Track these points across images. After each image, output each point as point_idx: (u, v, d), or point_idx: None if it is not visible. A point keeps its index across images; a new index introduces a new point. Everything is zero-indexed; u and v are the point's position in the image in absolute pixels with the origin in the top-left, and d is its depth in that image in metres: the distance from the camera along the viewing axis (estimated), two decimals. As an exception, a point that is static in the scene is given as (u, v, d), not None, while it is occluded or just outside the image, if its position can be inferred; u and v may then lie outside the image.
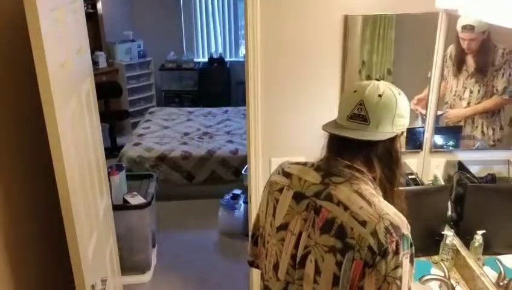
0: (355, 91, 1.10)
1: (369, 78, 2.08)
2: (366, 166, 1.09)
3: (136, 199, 3.08)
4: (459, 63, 1.89)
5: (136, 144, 4.43)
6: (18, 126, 1.78)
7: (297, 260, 1.11)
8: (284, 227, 1.15)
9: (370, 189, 1.07)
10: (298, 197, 1.13)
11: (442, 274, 1.62)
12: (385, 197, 1.10)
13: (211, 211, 3.88)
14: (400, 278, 0.98)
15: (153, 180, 3.41)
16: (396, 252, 0.98)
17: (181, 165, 4.21)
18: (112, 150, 5.04)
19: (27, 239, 1.80)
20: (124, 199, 3.06)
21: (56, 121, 1.36)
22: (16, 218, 1.69)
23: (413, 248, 1.02)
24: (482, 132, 1.85)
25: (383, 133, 1.07)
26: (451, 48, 1.92)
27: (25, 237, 1.77)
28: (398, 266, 0.98)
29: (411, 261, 1.02)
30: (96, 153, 2.05)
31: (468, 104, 1.87)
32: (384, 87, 1.09)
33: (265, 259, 1.22)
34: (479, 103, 1.84)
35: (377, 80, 1.13)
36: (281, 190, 1.17)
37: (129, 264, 2.97)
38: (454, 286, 1.62)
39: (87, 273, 1.60)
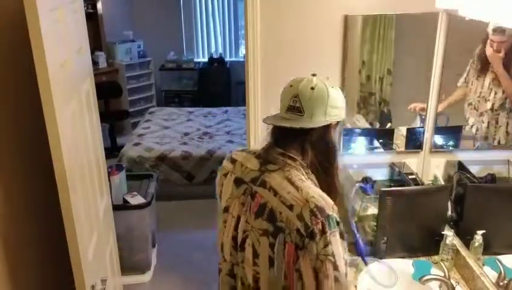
0: (291, 86, 1.19)
1: (369, 78, 2.09)
2: (300, 153, 1.17)
3: (136, 199, 3.08)
4: (486, 65, 1.84)
5: (136, 144, 4.43)
6: (18, 126, 1.78)
7: (238, 243, 1.19)
8: (226, 210, 1.24)
9: (300, 175, 1.14)
10: (238, 182, 1.22)
11: (442, 274, 1.62)
12: (319, 182, 1.18)
13: (210, 211, 3.87)
14: (333, 254, 1.05)
15: (153, 180, 3.41)
16: (323, 232, 1.04)
17: (181, 165, 4.21)
18: (112, 150, 5.04)
19: (27, 239, 1.79)
20: (124, 199, 3.06)
21: (56, 121, 1.36)
22: (16, 218, 1.69)
23: (341, 225, 1.10)
24: (507, 132, 1.82)
25: (316, 122, 1.15)
26: (479, 50, 1.87)
27: (25, 237, 1.77)
28: (327, 244, 1.04)
29: (341, 237, 1.09)
30: (96, 153, 2.05)
31: (493, 105, 1.84)
32: (318, 81, 1.17)
33: (218, 237, 1.31)
34: (502, 104, 1.82)
35: (313, 75, 1.19)
36: (226, 175, 1.28)
37: (129, 264, 2.97)
38: (454, 286, 1.62)
39: (87, 273, 1.60)
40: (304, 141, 1.17)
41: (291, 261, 1.07)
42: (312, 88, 1.15)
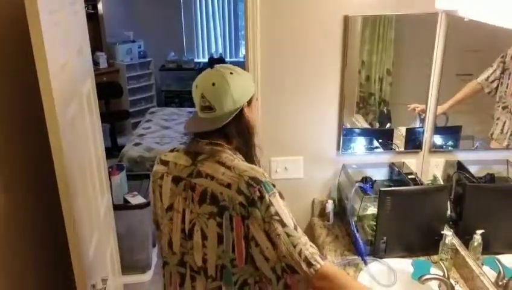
0: (196, 86, 1.27)
1: (368, 78, 2.09)
2: (224, 140, 1.28)
3: (137, 199, 3.09)
4: None
5: (137, 144, 4.43)
6: (19, 126, 1.78)
7: (186, 233, 1.28)
8: (170, 208, 1.32)
9: (229, 156, 1.25)
10: (176, 180, 1.30)
11: (442, 274, 1.62)
12: (246, 158, 1.29)
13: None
14: (276, 213, 1.16)
15: (153, 180, 3.41)
16: (262, 197, 1.16)
17: (181, 165, 4.21)
18: (113, 150, 5.05)
19: (28, 239, 1.80)
20: (124, 199, 3.07)
21: (57, 121, 1.37)
22: (17, 217, 1.70)
23: (276, 187, 1.20)
24: None
25: (228, 112, 1.23)
26: None
27: (25, 236, 1.78)
28: (268, 206, 1.16)
29: (281, 197, 1.20)
30: (97, 153, 2.05)
31: None
32: (216, 74, 1.25)
33: (162, 239, 1.38)
34: None
35: (211, 67, 1.28)
36: (162, 177, 1.34)
37: (129, 264, 2.98)
38: (454, 285, 1.62)
39: (88, 272, 1.61)
40: (225, 132, 1.26)
41: (240, 232, 1.18)
42: (213, 84, 1.23)
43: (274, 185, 1.20)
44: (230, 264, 1.22)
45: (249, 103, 1.29)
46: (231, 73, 1.25)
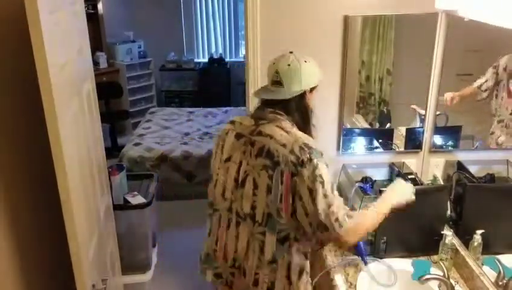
0: (273, 63, 1.50)
1: (368, 78, 2.09)
2: (285, 112, 1.48)
3: (137, 199, 3.08)
4: None
5: (137, 144, 4.43)
6: (19, 127, 1.78)
7: (239, 182, 1.48)
8: (228, 159, 1.53)
9: (288, 124, 1.46)
10: (238, 136, 1.52)
11: (442, 274, 1.62)
12: (301, 131, 1.48)
13: (211, 211, 3.89)
14: (320, 176, 1.35)
15: (153, 180, 3.41)
16: (310, 159, 1.36)
17: (181, 165, 4.21)
18: (113, 150, 5.04)
19: (28, 238, 1.80)
20: (124, 199, 3.06)
21: (57, 121, 1.37)
22: (17, 217, 1.70)
23: (324, 156, 1.40)
24: None
25: (293, 91, 1.46)
26: (507, 59, 1.77)
27: (26, 236, 1.78)
28: (315, 168, 1.36)
29: (326, 165, 1.39)
30: (97, 153, 2.05)
31: None
32: (293, 57, 1.47)
33: (215, 190, 1.59)
34: None
35: (290, 52, 1.50)
36: (227, 133, 1.56)
37: (129, 264, 2.97)
38: (454, 285, 1.62)
39: (88, 272, 1.61)
40: (286, 106, 1.48)
41: (288, 186, 1.37)
42: (288, 65, 1.46)
43: (322, 154, 1.39)
44: (277, 213, 1.41)
45: (311, 90, 1.51)
46: (305, 61, 1.47)
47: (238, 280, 1.53)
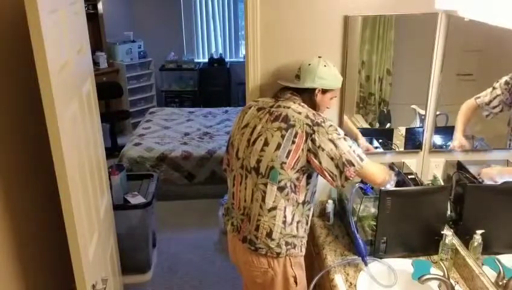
0: (303, 62, 1.79)
1: (368, 78, 2.09)
2: (300, 98, 1.75)
3: (137, 199, 3.09)
4: None
5: (137, 144, 4.43)
6: (19, 127, 1.78)
7: (251, 142, 1.71)
8: (245, 126, 1.78)
9: (303, 103, 1.73)
10: (260, 109, 1.77)
11: (442, 274, 1.62)
12: None
13: (211, 211, 3.89)
14: (335, 129, 1.63)
15: (153, 180, 3.41)
16: (324, 121, 1.63)
17: (181, 165, 4.22)
18: (113, 150, 5.04)
19: (28, 238, 1.80)
20: (124, 199, 3.07)
21: (57, 121, 1.37)
22: (18, 217, 1.70)
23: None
24: None
25: (306, 85, 1.74)
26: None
27: (26, 236, 1.78)
28: (330, 125, 1.63)
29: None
30: (97, 153, 2.05)
31: None
32: (317, 60, 1.76)
33: (232, 152, 1.82)
34: None
35: (319, 57, 1.78)
36: (250, 107, 1.82)
37: (129, 264, 2.97)
38: (454, 285, 1.62)
39: (88, 272, 1.61)
40: (301, 94, 1.75)
41: (300, 144, 1.62)
42: (309, 64, 1.76)
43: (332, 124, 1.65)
44: (280, 166, 1.63)
45: (324, 92, 1.76)
46: (325, 66, 1.75)
47: (245, 225, 1.76)
